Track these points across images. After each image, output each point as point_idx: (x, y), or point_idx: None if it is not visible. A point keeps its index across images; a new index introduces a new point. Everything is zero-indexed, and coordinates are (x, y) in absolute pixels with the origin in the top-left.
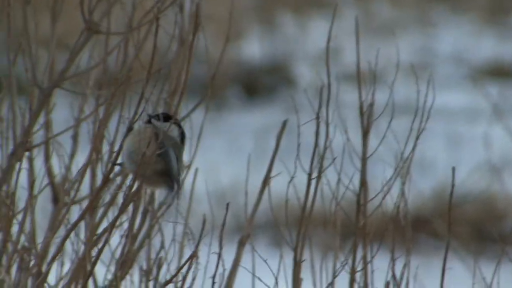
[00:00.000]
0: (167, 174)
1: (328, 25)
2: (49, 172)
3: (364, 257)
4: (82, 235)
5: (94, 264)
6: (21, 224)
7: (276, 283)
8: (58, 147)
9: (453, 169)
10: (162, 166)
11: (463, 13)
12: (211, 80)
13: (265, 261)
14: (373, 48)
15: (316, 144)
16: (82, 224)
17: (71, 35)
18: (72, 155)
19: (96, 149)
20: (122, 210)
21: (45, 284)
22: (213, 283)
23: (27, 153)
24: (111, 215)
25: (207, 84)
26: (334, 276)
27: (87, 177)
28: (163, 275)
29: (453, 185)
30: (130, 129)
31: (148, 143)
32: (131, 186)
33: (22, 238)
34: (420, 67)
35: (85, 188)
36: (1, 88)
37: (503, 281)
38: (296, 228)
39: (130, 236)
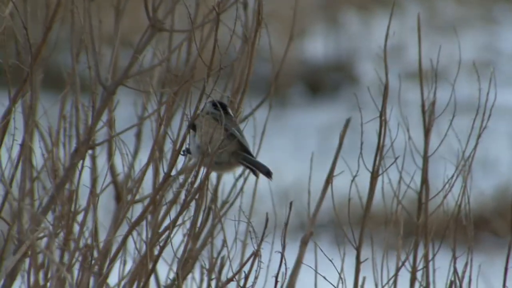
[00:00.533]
0: (242, 150)
1: (394, 23)
2: (112, 170)
3: (425, 256)
4: (144, 234)
5: (155, 262)
6: (83, 222)
7: (342, 281)
8: (121, 145)
9: None
10: (235, 146)
11: None
12: (275, 78)
13: (330, 260)
14: (436, 46)
15: (379, 143)
16: (144, 223)
17: (135, 32)
18: (135, 153)
19: (159, 147)
20: (185, 208)
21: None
22: (276, 281)
23: (90, 151)
24: (173, 213)
25: (271, 82)
26: (395, 274)
27: (149, 175)
28: (225, 274)
29: None
30: (192, 126)
31: (214, 128)
32: (193, 183)
33: (84, 236)
34: (482, 65)
35: (147, 186)
36: (65, 86)
37: None
38: (359, 226)
39: (193, 234)
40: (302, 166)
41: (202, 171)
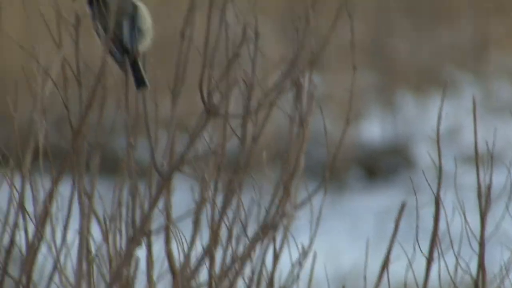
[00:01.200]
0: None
1: (449, 105)
2: (169, 257)
3: None
4: None
5: None
6: None
7: None
8: (177, 232)
9: None
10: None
11: None
12: (331, 162)
13: None
14: (492, 128)
15: (435, 227)
16: None
17: (191, 116)
18: (192, 240)
19: (215, 235)
20: None
21: None
22: None
23: (146, 238)
24: None
25: (327, 167)
26: None
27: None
28: None
29: None
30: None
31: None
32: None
33: None
34: None
35: (204, 274)
36: (121, 171)
37: None
38: None
39: None
40: (360, 251)
41: None
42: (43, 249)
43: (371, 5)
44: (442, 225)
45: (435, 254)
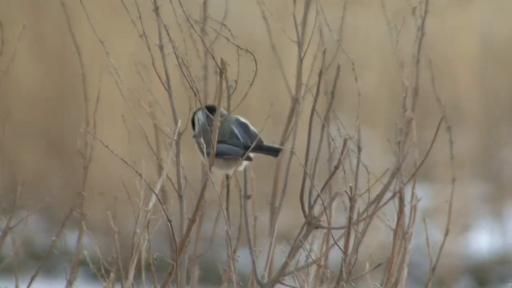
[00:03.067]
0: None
1: None
2: None
3: None
4: None
5: None
6: None
7: None
8: None
9: None
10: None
11: None
12: (431, 272)
13: None
14: None
15: None
16: None
17: (291, 228)
18: None
19: None
20: None
21: None
22: None
23: None
24: None
25: (429, 277)
26: None
27: None
28: None
29: None
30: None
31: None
32: None
33: None
34: None
35: None
36: (221, 283)
37: None
38: None
39: None
40: None
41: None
42: None
43: (481, 116)
44: None
45: None
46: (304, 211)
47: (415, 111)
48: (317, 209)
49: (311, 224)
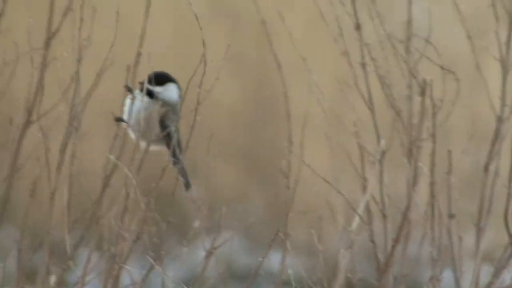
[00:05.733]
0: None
1: None
2: None
3: None
4: None
5: None
6: None
7: None
8: None
9: None
10: (166, 141)
11: None
12: None
13: None
14: None
15: None
16: None
17: (497, 248)
18: None
19: None
20: None
21: None
22: None
23: None
24: None
25: None
26: None
27: None
28: None
29: None
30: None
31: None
32: None
33: None
34: None
35: None
36: None
37: None
38: None
39: None
40: None
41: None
42: None
43: None
44: None
45: None
46: (508, 231)
47: None
48: None
49: None
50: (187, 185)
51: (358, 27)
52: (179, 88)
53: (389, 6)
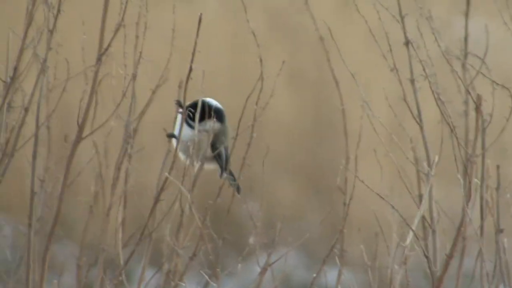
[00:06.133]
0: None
1: None
2: None
3: None
4: None
5: None
6: None
7: None
8: None
9: None
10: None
11: None
12: None
13: None
14: None
15: None
16: None
17: None
18: None
19: None
20: None
21: None
22: None
23: None
24: None
25: None
26: None
27: None
28: None
29: None
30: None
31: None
32: None
33: None
34: None
35: None
36: None
37: None
38: None
39: None
40: None
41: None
42: None
43: None
44: None
45: None
46: None
47: None
48: None
49: None
50: (238, 190)
51: (407, 43)
52: (222, 114)
53: (446, 22)
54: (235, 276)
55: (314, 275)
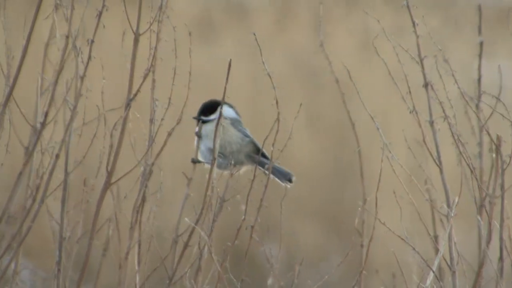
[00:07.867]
0: (255, 152)
1: None
2: None
3: None
4: None
5: None
6: None
7: None
8: None
9: None
10: (251, 148)
11: None
12: None
13: None
14: None
15: None
16: None
17: None
18: None
19: None
20: None
21: None
22: None
23: None
24: None
25: None
26: None
27: None
28: None
29: None
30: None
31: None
32: None
33: None
34: None
35: None
36: None
37: None
38: None
39: None
40: None
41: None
42: None
43: None
44: None
45: None
46: None
47: None
48: None
49: None
50: (289, 179)
51: (426, 85)
52: (231, 106)
53: (462, 63)
54: None
55: None
